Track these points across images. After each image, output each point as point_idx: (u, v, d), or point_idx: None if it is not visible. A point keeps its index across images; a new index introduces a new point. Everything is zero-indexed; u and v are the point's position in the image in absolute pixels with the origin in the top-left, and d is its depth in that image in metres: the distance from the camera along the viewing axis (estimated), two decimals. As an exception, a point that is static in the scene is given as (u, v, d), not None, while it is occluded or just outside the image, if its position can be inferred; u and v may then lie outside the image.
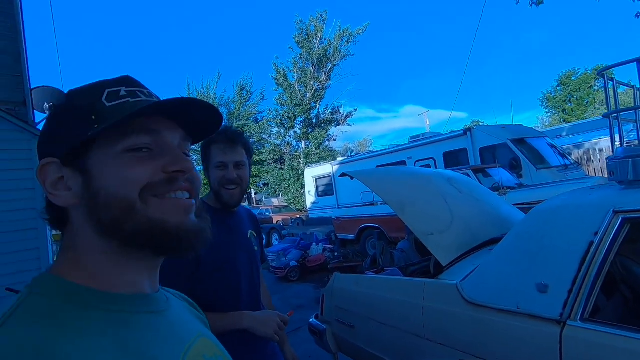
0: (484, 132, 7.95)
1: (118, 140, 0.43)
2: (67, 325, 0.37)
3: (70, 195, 0.44)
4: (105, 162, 0.43)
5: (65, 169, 0.44)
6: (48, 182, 0.44)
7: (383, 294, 1.92)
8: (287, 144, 21.57)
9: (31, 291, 0.40)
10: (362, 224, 7.79)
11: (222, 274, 1.18)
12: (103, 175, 0.43)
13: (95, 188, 0.43)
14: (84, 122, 0.43)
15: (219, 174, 1.23)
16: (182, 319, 0.51)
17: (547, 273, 1.30)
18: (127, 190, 0.43)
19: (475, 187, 2.69)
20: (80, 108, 0.44)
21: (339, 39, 19.90)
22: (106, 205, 0.43)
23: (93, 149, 0.43)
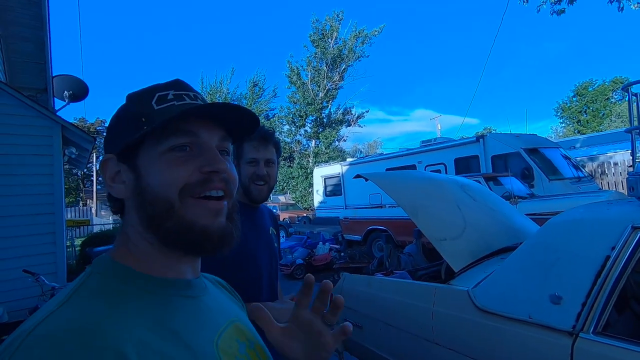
0: (497, 139, 7.89)
1: (161, 142, 0.47)
2: (119, 303, 0.43)
3: (124, 188, 0.49)
4: (150, 162, 0.48)
5: (122, 164, 0.50)
6: (108, 175, 0.50)
7: (393, 297, 1.94)
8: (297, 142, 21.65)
9: (92, 271, 0.46)
10: (370, 226, 7.79)
11: (247, 265, 1.23)
12: (149, 174, 0.48)
13: (143, 185, 0.48)
14: (136, 124, 0.48)
15: (250, 169, 1.28)
16: (218, 304, 0.55)
17: (561, 285, 1.30)
18: (168, 190, 0.47)
19: (488, 195, 2.69)
20: (133, 111, 0.50)
21: (354, 39, 19.89)
22: (151, 202, 0.47)
23: (142, 149, 0.48)
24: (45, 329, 0.37)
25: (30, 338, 0.36)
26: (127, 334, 0.39)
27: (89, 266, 0.47)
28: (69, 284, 0.46)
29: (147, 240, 0.48)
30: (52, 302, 0.42)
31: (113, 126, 0.52)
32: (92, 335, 0.37)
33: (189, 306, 0.49)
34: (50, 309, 0.40)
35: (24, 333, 0.37)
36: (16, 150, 3.94)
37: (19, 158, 3.93)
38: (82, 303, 0.41)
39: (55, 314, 0.39)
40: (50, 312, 0.39)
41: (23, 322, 0.40)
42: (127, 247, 0.49)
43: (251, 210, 1.33)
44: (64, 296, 0.42)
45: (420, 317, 1.74)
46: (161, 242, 0.47)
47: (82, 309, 0.40)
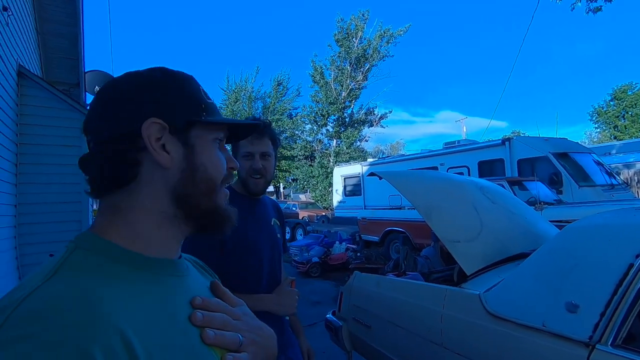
0: (524, 143, 7.60)
1: (211, 131, 0.53)
2: (109, 279, 0.42)
3: (169, 158, 0.48)
4: (205, 145, 0.52)
5: (169, 135, 0.49)
6: (153, 139, 0.47)
7: (403, 297, 1.90)
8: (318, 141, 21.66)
9: (77, 245, 0.45)
10: (388, 227, 7.69)
11: (246, 254, 1.24)
12: (204, 155, 0.51)
13: (197, 163, 0.50)
14: (198, 107, 0.51)
15: (246, 163, 1.29)
16: (198, 284, 0.56)
17: (579, 293, 1.23)
18: (218, 175, 0.53)
19: (509, 199, 2.59)
20: (193, 94, 0.52)
21: (379, 39, 19.68)
22: (201, 180, 0.50)
23: (194, 130, 0.51)
24: (35, 303, 0.35)
25: (18, 312, 0.34)
26: (122, 310, 0.38)
27: (71, 241, 0.46)
28: (50, 259, 0.44)
29: (161, 214, 0.49)
30: (33, 277, 0.40)
31: (161, 93, 0.49)
32: (87, 310, 0.36)
33: (176, 285, 0.49)
34: (34, 283, 0.37)
35: (8, 308, 0.34)
36: (47, 140, 4.15)
37: (49, 148, 4.13)
38: (70, 278, 0.39)
39: (42, 288, 0.37)
40: (37, 287, 0.37)
41: (4, 296, 0.37)
42: (118, 224, 0.48)
43: (252, 201, 1.34)
44: (48, 270, 0.40)
45: (429, 319, 1.70)
46: (186, 217, 0.50)
47: (71, 283, 0.38)
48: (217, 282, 0.58)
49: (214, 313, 0.50)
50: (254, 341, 0.53)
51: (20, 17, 4.11)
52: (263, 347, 0.54)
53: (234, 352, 0.49)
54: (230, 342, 0.49)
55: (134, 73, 0.51)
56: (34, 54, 5.10)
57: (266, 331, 0.57)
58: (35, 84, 4.20)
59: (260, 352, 0.53)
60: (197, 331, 0.46)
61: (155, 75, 0.50)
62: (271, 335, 0.58)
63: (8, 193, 3.69)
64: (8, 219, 3.69)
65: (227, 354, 0.48)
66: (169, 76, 0.51)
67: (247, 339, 0.51)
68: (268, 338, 0.57)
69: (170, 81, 0.51)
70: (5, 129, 3.58)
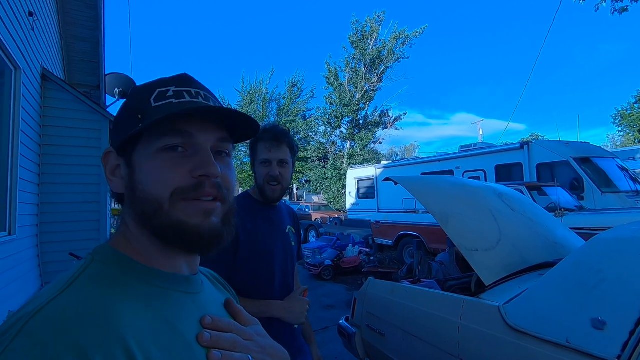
0: (543, 147, 7.40)
1: (155, 140, 0.47)
2: (122, 292, 0.43)
3: (121, 183, 0.50)
4: (144, 159, 0.47)
5: (120, 158, 0.50)
6: (108, 168, 0.51)
7: (418, 306, 1.86)
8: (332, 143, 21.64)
9: (93, 258, 0.46)
10: (402, 231, 7.60)
11: (259, 261, 1.24)
12: (142, 172, 0.47)
13: (135, 182, 0.48)
14: (133, 120, 0.47)
15: (263, 170, 1.29)
16: (213, 301, 0.55)
17: (606, 309, 1.17)
18: (159, 191, 0.46)
19: (529, 206, 2.51)
20: (132, 106, 0.49)
21: (394, 40, 19.54)
22: (140, 200, 0.47)
23: (137, 145, 0.48)
24: (48, 314, 0.36)
25: (33, 322, 0.35)
26: (129, 323, 0.39)
27: (90, 254, 0.47)
28: (68, 270, 0.45)
29: (143, 234, 0.49)
30: (50, 288, 0.41)
31: (116, 120, 0.53)
32: (95, 322, 0.37)
33: (187, 302, 0.49)
34: (51, 294, 0.39)
35: (24, 317, 0.36)
36: (68, 142, 4.26)
37: (69, 149, 4.24)
38: (84, 290, 0.41)
39: (58, 300, 0.38)
40: (52, 298, 0.38)
41: (19, 308, 0.39)
42: (127, 237, 0.49)
43: (268, 208, 1.34)
44: (64, 282, 0.42)
45: (446, 330, 1.65)
46: (155, 236, 0.48)
47: (84, 296, 0.40)
48: (231, 299, 0.57)
49: (224, 334, 0.49)
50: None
51: (45, 21, 4.24)
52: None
53: None
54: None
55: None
56: (57, 57, 5.25)
57: (278, 351, 0.56)
58: (58, 86, 4.32)
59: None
60: (204, 351, 0.46)
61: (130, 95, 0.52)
62: (284, 356, 0.57)
63: (31, 193, 3.80)
64: (30, 217, 3.80)
65: None
66: (136, 90, 0.51)
67: (257, 359, 0.50)
68: (280, 358, 0.55)
69: (124, 103, 0.52)
70: (29, 130, 3.69)
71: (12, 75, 3.23)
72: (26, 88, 3.50)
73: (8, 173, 3.13)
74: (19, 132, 3.26)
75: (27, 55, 3.50)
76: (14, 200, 3.20)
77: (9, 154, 3.14)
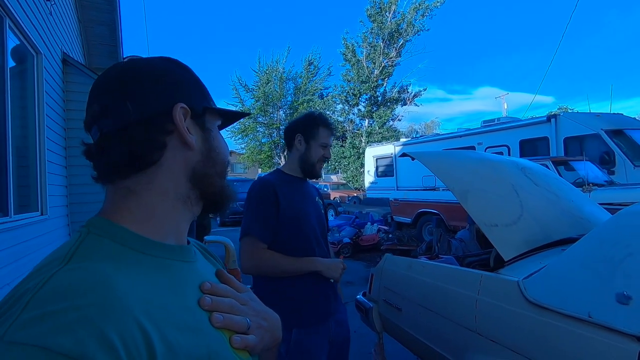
0: (572, 119, 7.04)
1: (215, 120, 0.57)
2: (123, 264, 0.42)
3: (194, 140, 0.52)
4: (215, 130, 0.57)
5: (191, 120, 0.52)
6: (183, 123, 0.50)
7: (435, 282, 1.86)
8: (350, 121, 21.39)
9: (89, 231, 0.45)
10: (421, 209, 7.54)
11: (298, 224, 1.46)
12: (217, 139, 0.56)
13: (213, 145, 0.55)
14: (208, 96, 0.56)
15: (320, 151, 1.54)
16: (206, 270, 0.57)
17: (633, 283, 1.13)
18: (227, 157, 0.58)
19: (554, 181, 2.42)
20: (201, 84, 0.56)
21: (413, 12, 18.76)
22: (217, 161, 0.55)
23: (207, 116, 0.54)
24: (55, 286, 0.36)
25: (40, 294, 0.35)
26: (135, 293, 0.39)
27: (84, 226, 0.46)
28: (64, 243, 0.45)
29: (176, 196, 0.50)
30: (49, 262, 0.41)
31: (181, 80, 0.52)
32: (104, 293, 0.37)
33: (186, 270, 0.50)
34: (53, 267, 0.39)
35: (30, 290, 0.35)
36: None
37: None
38: (86, 262, 0.40)
39: (61, 272, 0.38)
40: (56, 271, 0.38)
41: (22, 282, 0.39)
42: (131, 208, 0.48)
43: (302, 182, 1.59)
44: (62, 256, 0.41)
45: (463, 305, 1.64)
46: (200, 197, 0.53)
47: (88, 268, 0.39)
48: (221, 269, 0.59)
49: (222, 298, 0.51)
50: (260, 325, 0.54)
51: (62, 6, 4.29)
52: (269, 330, 0.56)
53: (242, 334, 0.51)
54: (238, 325, 0.50)
55: (146, 60, 0.54)
56: (76, 41, 5.34)
57: (272, 316, 0.59)
58: (79, 70, 4.41)
59: (266, 336, 0.55)
60: (206, 315, 0.47)
61: (169, 64, 0.53)
62: (276, 320, 0.60)
63: (59, 175, 3.97)
64: (60, 199, 3.99)
65: (234, 336, 0.49)
66: (180, 65, 0.55)
67: (254, 322, 0.53)
68: (274, 322, 0.58)
69: (184, 70, 0.55)
70: (54, 114, 3.81)
71: (34, 61, 3.31)
72: (48, 73, 3.59)
73: (37, 156, 3.26)
74: (44, 116, 3.37)
75: (47, 40, 3.57)
76: (43, 182, 3.35)
77: (37, 137, 3.26)
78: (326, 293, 1.51)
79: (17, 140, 2.97)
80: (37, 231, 3.14)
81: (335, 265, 1.48)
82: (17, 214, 2.76)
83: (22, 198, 3.05)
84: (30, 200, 3.21)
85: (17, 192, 2.82)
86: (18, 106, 3.14)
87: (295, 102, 23.63)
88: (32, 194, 3.23)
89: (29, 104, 3.22)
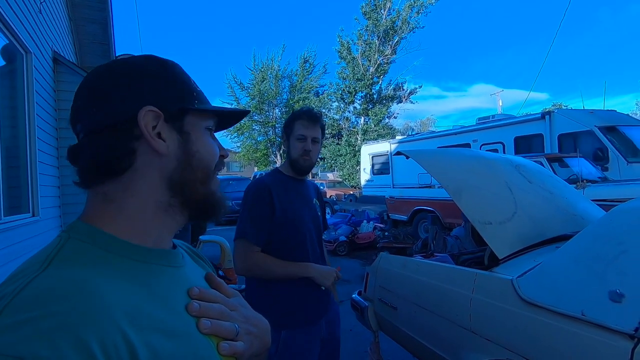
0: (566, 116, 7.08)
1: (202, 120, 0.52)
2: (105, 269, 0.41)
3: (165, 146, 0.48)
4: (199, 132, 0.52)
5: (165, 124, 0.48)
6: (150, 127, 0.47)
7: (430, 280, 1.85)
8: (345, 119, 21.37)
9: (70, 236, 0.44)
10: (417, 206, 7.55)
11: (292, 227, 1.44)
12: (199, 142, 0.51)
13: (192, 150, 0.50)
14: (191, 94, 0.51)
15: (299, 145, 1.47)
16: (195, 274, 0.56)
17: (625, 281, 1.13)
18: (211, 162, 0.53)
19: (548, 178, 2.42)
20: (185, 82, 0.52)
21: (408, 9, 18.75)
22: (196, 168, 0.51)
23: (187, 117, 0.51)
24: (32, 292, 0.35)
25: (16, 301, 0.34)
26: (117, 299, 0.38)
27: (64, 231, 0.45)
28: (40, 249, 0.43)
29: (156, 204, 0.48)
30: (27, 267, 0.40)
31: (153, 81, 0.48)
32: (84, 300, 0.35)
33: (173, 275, 0.49)
34: (30, 273, 0.37)
35: (6, 297, 0.34)
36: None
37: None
38: (65, 268, 0.39)
39: (40, 278, 0.37)
40: (34, 277, 0.37)
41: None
42: (112, 214, 0.47)
43: (297, 182, 1.54)
44: (41, 261, 0.40)
45: (458, 303, 1.64)
46: (182, 205, 0.50)
47: (68, 274, 0.38)
48: (211, 273, 0.58)
49: (211, 304, 0.50)
50: (250, 331, 0.53)
51: (52, 4, 4.22)
52: (258, 337, 0.55)
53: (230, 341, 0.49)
54: (226, 331, 0.49)
55: (123, 60, 0.50)
56: (67, 40, 5.27)
57: (261, 322, 0.58)
58: (70, 69, 4.36)
59: (255, 342, 0.54)
60: (193, 321, 0.46)
61: (147, 63, 0.50)
62: (266, 325, 0.59)
63: (51, 175, 3.92)
64: (53, 199, 3.94)
65: (222, 342, 0.48)
66: (159, 63, 0.51)
67: (242, 329, 0.52)
68: (263, 328, 0.57)
69: (161, 69, 0.51)
70: (45, 114, 3.76)
71: (24, 60, 3.26)
72: (38, 72, 3.54)
73: (27, 156, 3.22)
74: (34, 116, 3.32)
75: (36, 39, 3.52)
76: (34, 183, 3.30)
77: (27, 138, 3.22)
78: (317, 296, 1.49)
79: (7, 141, 2.93)
80: (28, 233, 3.11)
81: (328, 273, 1.45)
82: (7, 215, 2.72)
83: (13, 199, 3.01)
84: (21, 202, 3.17)
85: (8, 193, 2.77)
86: (8, 106, 3.09)
87: (290, 100, 23.54)
88: (23, 195, 3.19)
89: (18, 104, 3.17)
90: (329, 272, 1.46)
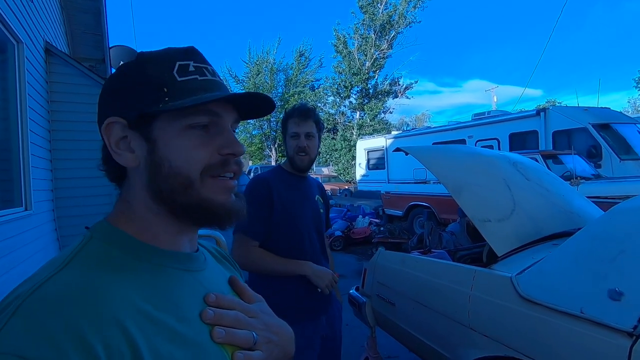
0: (561, 113, 7.14)
1: (182, 117, 0.45)
2: (121, 271, 0.42)
3: (132, 157, 0.46)
4: (170, 135, 0.45)
5: (131, 131, 0.46)
6: (113, 140, 0.46)
7: (429, 277, 1.86)
8: (341, 113, 21.31)
9: (92, 236, 0.45)
10: (412, 202, 7.58)
11: (291, 224, 1.43)
12: (169, 148, 0.45)
13: (160, 158, 0.45)
14: (155, 92, 0.45)
15: (293, 142, 1.47)
16: (217, 278, 0.54)
17: (624, 280, 1.14)
18: (191, 168, 0.46)
19: (544, 175, 2.44)
20: (152, 77, 0.45)
21: (405, 3, 18.66)
22: (168, 177, 0.45)
23: (159, 120, 0.45)
24: (44, 293, 0.36)
25: (29, 302, 0.35)
26: (127, 303, 0.38)
27: (88, 230, 0.46)
28: (66, 248, 0.45)
29: (151, 210, 0.47)
30: (49, 265, 0.41)
31: (122, 88, 0.47)
32: (93, 303, 0.36)
33: (190, 280, 0.48)
34: (48, 273, 0.39)
35: (21, 297, 0.36)
36: (76, 117, 4.25)
37: (78, 125, 4.23)
38: (81, 269, 0.40)
39: (54, 279, 0.38)
40: (49, 277, 0.38)
41: (18, 285, 0.39)
42: (128, 214, 0.48)
43: (298, 179, 1.53)
44: (62, 260, 0.41)
45: (456, 300, 1.65)
46: (171, 213, 0.47)
47: (81, 275, 0.39)
48: (235, 277, 0.56)
49: (227, 311, 0.48)
50: (270, 339, 0.51)
51: (43, -8, 4.12)
52: (279, 345, 0.52)
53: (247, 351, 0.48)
54: (242, 340, 0.47)
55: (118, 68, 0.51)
56: (59, 30, 5.15)
57: (284, 329, 0.55)
58: (63, 60, 4.26)
59: (275, 350, 0.51)
60: (207, 329, 0.45)
61: (122, 67, 0.48)
62: (289, 333, 0.56)
63: (44, 168, 3.86)
64: (45, 193, 3.88)
65: (237, 352, 0.46)
66: (132, 63, 0.47)
67: (261, 337, 0.50)
68: (285, 336, 0.55)
69: (130, 69, 0.47)
70: (37, 106, 3.68)
71: (15, 50, 3.18)
72: (30, 63, 3.46)
73: (19, 149, 3.15)
74: (26, 107, 3.25)
75: (28, 28, 3.43)
76: (27, 176, 3.24)
77: (19, 130, 3.15)
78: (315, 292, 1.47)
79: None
80: (21, 227, 3.05)
81: (324, 273, 1.43)
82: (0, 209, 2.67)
83: (5, 193, 2.96)
84: (14, 196, 3.11)
85: (0, 187, 2.73)
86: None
87: (286, 93, 23.40)
88: (15, 188, 3.13)
89: (10, 95, 3.10)
90: (325, 273, 1.44)
